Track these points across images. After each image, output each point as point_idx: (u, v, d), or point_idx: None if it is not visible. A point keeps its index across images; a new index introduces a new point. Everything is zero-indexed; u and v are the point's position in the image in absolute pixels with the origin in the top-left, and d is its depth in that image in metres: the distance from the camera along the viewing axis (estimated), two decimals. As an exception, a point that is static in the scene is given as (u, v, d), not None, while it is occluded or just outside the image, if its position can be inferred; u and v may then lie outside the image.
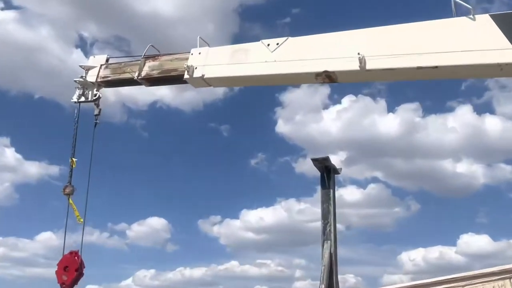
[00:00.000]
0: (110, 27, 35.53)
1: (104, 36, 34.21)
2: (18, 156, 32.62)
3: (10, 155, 33.26)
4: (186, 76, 7.33)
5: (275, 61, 6.82)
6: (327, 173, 9.43)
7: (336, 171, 9.61)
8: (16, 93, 33.09)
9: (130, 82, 8.36)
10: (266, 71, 6.89)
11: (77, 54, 31.67)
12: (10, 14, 32.37)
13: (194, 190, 33.88)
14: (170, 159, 35.57)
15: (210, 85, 7.49)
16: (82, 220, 7.91)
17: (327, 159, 9.43)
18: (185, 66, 7.29)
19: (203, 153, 35.87)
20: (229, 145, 35.91)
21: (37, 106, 32.57)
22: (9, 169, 34.06)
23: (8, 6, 33.95)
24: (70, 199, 8.00)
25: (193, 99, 34.23)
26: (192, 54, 7.49)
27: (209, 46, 7.53)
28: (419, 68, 5.88)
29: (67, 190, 8.09)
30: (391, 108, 35.42)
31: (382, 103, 34.60)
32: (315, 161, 9.44)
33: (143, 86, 8.26)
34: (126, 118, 34.06)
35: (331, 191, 9.41)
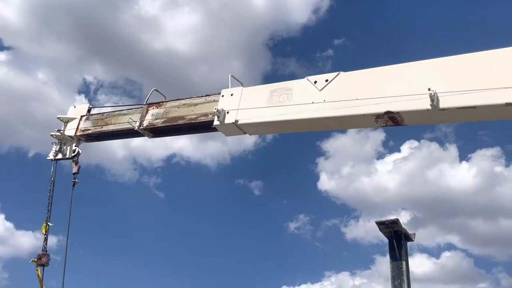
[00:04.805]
0: (118, 69, 34.83)
1: (111, 79, 33.39)
2: (9, 224, 31.55)
3: (-1, 223, 31.16)
4: (216, 122, 7.17)
5: (324, 101, 6.58)
6: (398, 240, 8.81)
7: (408, 237, 8.98)
8: (8, 149, 31.97)
9: (118, 134, 8.55)
10: (314, 114, 6.63)
11: (80, 101, 31.06)
12: (0, 56, 31.75)
13: (219, 262, 31.91)
14: (190, 224, 33.88)
15: (245, 133, 7.29)
16: None
17: (397, 223, 8.81)
18: (215, 110, 7.14)
19: (231, 217, 34.04)
20: (262, 206, 34.19)
21: (32, 164, 31.75)
22: (-3, 240, 31.19)
23: (-2, 47, 32.88)
24: (38, 270, 7.83)
25: (218, 151, 33.20)
26: (223, 95, 7.38)
27: (242, 85, 7.40)
28: (508, 104, 5.39)
29: (44, 259, 7.92)
30: (463, 156, 33.44)
31: (452, 149, 32.64)
32: (381, 225, 8.86)
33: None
34: (138, 176, 33.21)
35: (403, 263, 8.73)
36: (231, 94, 7.31)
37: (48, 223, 8.22)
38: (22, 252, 29.40)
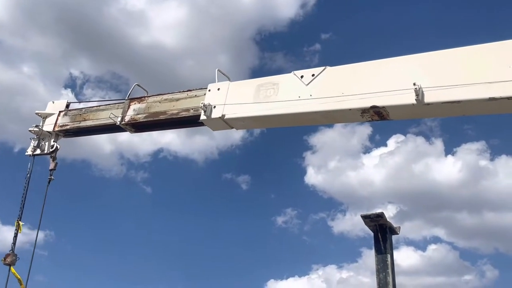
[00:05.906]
0: (105, 63, 34.52)
1: (97, 74, 33.09)
2: (-6, 220, 31.30)
3: (-16, 219, 31.86)
4: (202, 117, 7.19)
5: (311, 96, 6.62)
6: (383, 233, 8.95)
7: (393, 230, 9.13)
8: (-8, 144, 31.76)
9: (98, 129, 8.60)
10: (301, 108, 6.66)
11: (67, 95, 30.76)
12: (-17, 50, 30.93)
13: (208, 256, 31.90)
14: (178, 219, 33.91)
15: (232, 127, 7.33)
16: None
17: (381, 216, 8.98)
18: (202, 104, 7.16)
19: (218, 211, 34.11)
20: (250, 200, 34.36)
21: (18, 160, 31.36)
22: (-18, 237, 31.71)
23: (-20, 40, 32.18)
24: (12, 269, 7.87)
25: (206, 145, 33.27)
26: (209, 90, 7.38)
27: (229, 80, 7.41)
28: (491, 99, 5.48)
29: (9, 260, 7.97)
30: (449, 150, 33.85)
31: (438, 143, 33.11)
32: (366, 218, 9.00)
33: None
34: (125, 171, 33.08)
35: (388, 256, 8.90)
36: (218, 89, 7.32)
37: (20, 221, 8.23)
38: (8, 248, 29.13)
